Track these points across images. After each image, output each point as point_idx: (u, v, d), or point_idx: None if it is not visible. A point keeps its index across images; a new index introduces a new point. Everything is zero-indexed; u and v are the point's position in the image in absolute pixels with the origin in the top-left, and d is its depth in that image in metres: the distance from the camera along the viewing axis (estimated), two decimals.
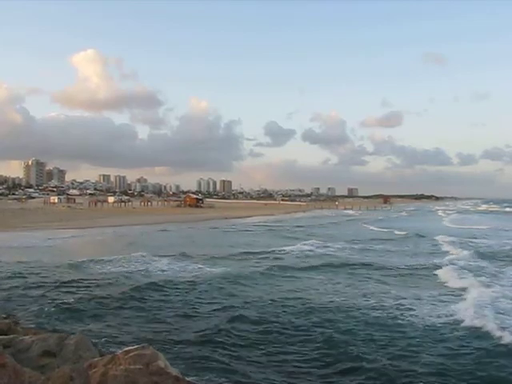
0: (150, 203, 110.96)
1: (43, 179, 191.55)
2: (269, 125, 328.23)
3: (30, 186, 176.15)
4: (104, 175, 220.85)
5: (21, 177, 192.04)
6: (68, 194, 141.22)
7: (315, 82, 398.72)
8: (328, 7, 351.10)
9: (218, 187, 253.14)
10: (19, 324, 8.05)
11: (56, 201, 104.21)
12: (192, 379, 6.63)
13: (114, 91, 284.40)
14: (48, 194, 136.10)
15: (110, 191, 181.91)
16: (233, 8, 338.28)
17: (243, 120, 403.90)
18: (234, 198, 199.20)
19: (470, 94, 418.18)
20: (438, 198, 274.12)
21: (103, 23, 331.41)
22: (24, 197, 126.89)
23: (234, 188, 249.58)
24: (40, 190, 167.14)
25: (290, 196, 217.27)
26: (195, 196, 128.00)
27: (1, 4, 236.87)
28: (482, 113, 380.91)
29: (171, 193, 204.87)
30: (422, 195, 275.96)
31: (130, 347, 4.92)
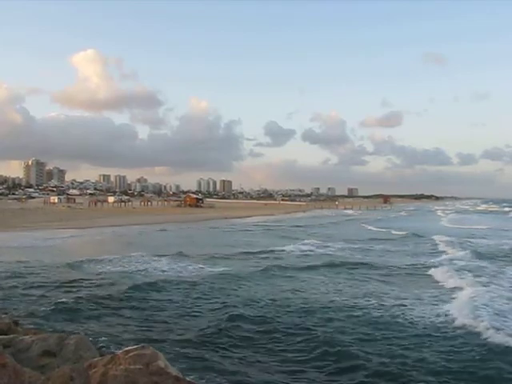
0: (150, 203, 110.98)
1: (43, 179, 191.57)
2: (269, 125, 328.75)
3: (30, 186, 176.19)
4: (104, 175, 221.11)
5: (21, 177, 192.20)
6: (68, 194, 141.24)
7: (315, 82, 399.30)
8: (328, 7, 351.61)
9: (218, 187, 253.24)
10: (19, 324, 8.06)
11: (56, 201, 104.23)
12: (192, 379, 6.62)
13: (113, 91, 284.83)
14: (48, 194, 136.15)
15: (110, 191, 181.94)
16: (233, 8, 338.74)
17: (243, 120, 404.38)
18: (234, 198, 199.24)
19: (470, 94, 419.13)
20: (438, 198, 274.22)
21: (103, 23, 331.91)
22: (24, 197, 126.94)
23: (234, 188, 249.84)
24: (40, 189, 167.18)
25: (290, 196, 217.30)
26: (195, 196, 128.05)
27: (1, 4, 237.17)
28: (482, 113, 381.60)
29: (171, 193, 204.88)
30: (422, 195, 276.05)
31: (129, 347, 4.92)
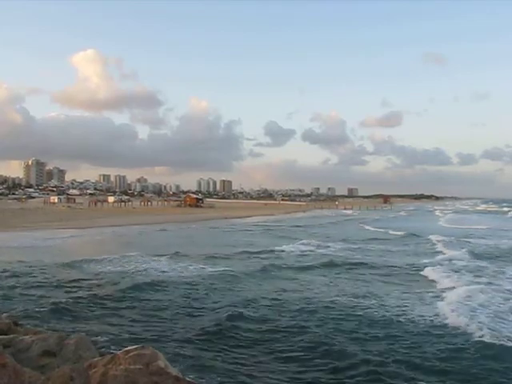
0: (150, 203, 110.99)
1: (43, 179, 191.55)
2: (269, 125, 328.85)
3: (30, 186, 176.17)
4: (104, 175, 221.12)
5: (21, 177, 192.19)
6: (68, 194, 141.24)
7: (315, 82, 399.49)
8: (328, 7, 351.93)
9: (218, 187, 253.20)
10: (19, 324, 8.05)
11: (56, 201, 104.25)
12: (192, 379, 6.62)
13: (114, 91, 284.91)
14: (48, 194, 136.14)
15: (109, 191, 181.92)
16: (233, 8, 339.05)
17: (243, 120, 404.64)
18: (234, 198, 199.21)
19: (470, 94, 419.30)
20: (437, 198, 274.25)
21: (103, 23, 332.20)
22: (24, 197, 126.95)
23: (234, 188, 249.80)
24: (40, 189, 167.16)
25: (290, 196, 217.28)
26: (195, 196, 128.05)
27: (1, 4, 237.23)
28: (482, 113, 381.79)
29: (171, 193, 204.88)
30: (422, 195, 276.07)
31: (129, 347, 4.92)
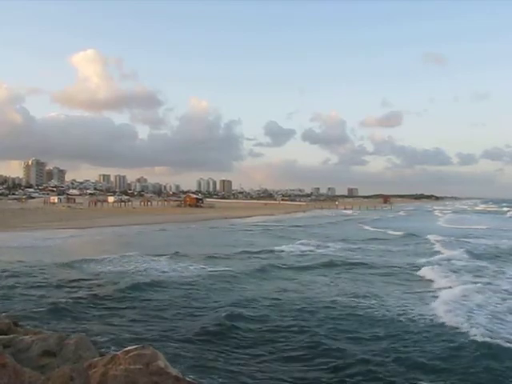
0: (149, 203, 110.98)
1: (43, 179, 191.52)
2: (269, 125, 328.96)
3: (30, 186, 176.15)
4: (104, 175, 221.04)
5: (21, 177, 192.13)
6: (68, 194, 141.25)
7: (315, 82, 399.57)
8: (328, 7, 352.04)
9: (218, 187, 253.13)
10: (19, 324, 8.05)
11: (56, 201, 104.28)
12: (192, 379, 6.62)
13: (114, 91, 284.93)
14: (48, 194, 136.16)
15: (109, 191, 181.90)
16: (233, 8, 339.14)
17: (243, 120, 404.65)
18: (234, 198, 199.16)
19: (470, 94, 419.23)
20: (437, 198, 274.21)
21: (103, 23, 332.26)
22: (24, 197, 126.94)
23: (234, 188, 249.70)
24: (40, 189, 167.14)
25: (290, 196, 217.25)
26: (195, 196, 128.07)
27: (1, 4, 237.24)
28: (482, 113, 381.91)
29: (171, 193, 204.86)
30: (422, 195, 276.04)
31: (129, 347, 4.93)
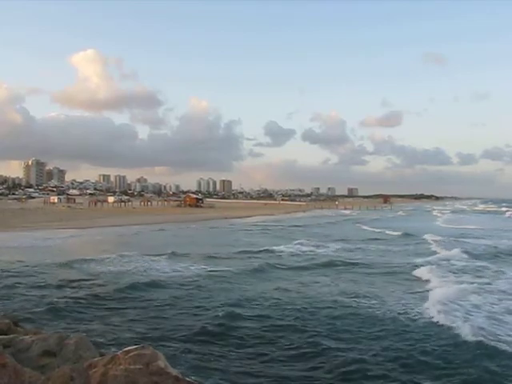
0: (149, 203, 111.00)
1: (43, 179, 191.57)
2: (269, 125, 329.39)
3: (30, 186, 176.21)
4: (104, 175, 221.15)
5: (21, 177, 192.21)
6: (68, 194, 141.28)
7: (315, 82, 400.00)
8: (328, 7, 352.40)
9: (218, 187, 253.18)
10: (19, 324, 8.05)
11: (56, 201, 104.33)
12: (192, 379, 6.62)
13: (114, 91, 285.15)
14: (48, 194, 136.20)
15: (109, 191, 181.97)
16: (233, 8, 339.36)
17: (243, 120, 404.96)
18: (234, 198, 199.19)
19: (470, 93, 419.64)
20: (437, 198, 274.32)
21: (103, 23, 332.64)
22: (24, 197, 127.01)
23: (234, 188, 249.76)
24: (40, 189, 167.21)
25: (290, 196, 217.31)
26: (195, 196, 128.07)
27: (1, 4, 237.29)
28: (482, 113, 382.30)
29: (171, 193, 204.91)
30: (422, 195, 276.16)
31: (129, 347, 4.92)
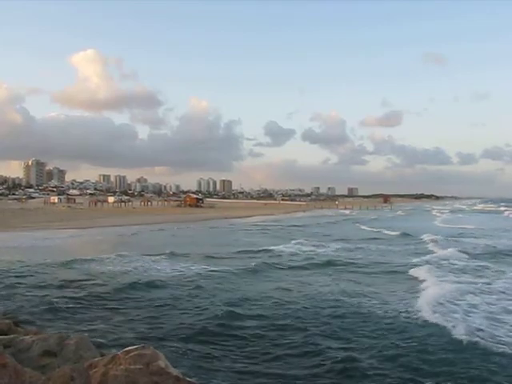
0: (150, 203, 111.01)
1: (43, 179, 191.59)
2: (269, 125, 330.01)
3: (30, 186, 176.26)
4: (104, 175, 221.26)
5: (21, 177, 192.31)
6: (68, 194, 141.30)
7: (315, 82, 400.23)
8: (328, 7, 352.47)
9: (218, 187, 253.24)
10: (19, 324, 8.06)
11: (56, 201, 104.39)
12: (192, 379, 6.63)
13: (114, 91, 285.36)
14: (48, 194, 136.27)
15: (110, 191, 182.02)
16: (233, 8, 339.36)
17: (243, 120, 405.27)
18: (235, 198, 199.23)
19: (470, 93, 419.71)
20: (438, 198, 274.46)
21: (103, 23, 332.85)
22: (24, 197, 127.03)
23: (234, 188, 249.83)
24: (40, 190, 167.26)
25: (290, 196, 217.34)
26: (195, 196, 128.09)
27: (1, 4, 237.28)
28: (482, 112, 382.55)
29: (171, 193, 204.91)
30: (422, 194, 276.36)
31: (130, 347, 4.92)
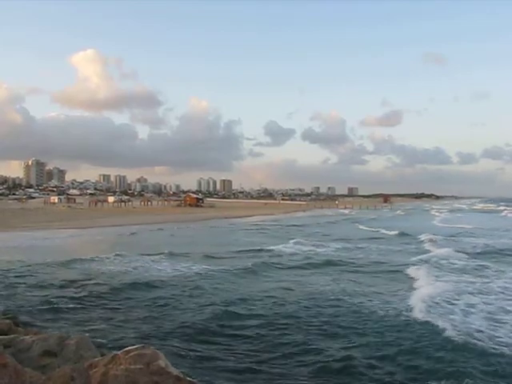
0: (150, 203, 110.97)
1: (43, 179, 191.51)
2: (269, 124, 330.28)
3: (30, 186, 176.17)
4: (104, 175, 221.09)
5: (21, 177, 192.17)
6: (68, 194, 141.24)
7: (315, 82, 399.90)
8: (328, 7, 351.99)
9: (219, 187, 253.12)
10: (19, 324, 8.06)
11: (56, 201, 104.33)
12: (193, 378, 6.62)
13: (113, 91, 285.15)
14: (48, 194, 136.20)
15: (110, 191, 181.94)
16: (233, 8, 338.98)
17: (243, 120, 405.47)
18: (235, 198, 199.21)
19: (470, 93, 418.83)
20: (438, 197, 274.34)
21: (103, 23, 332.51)
22: (24, 197, 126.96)
23: (234, 187, 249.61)
24: (40, 189, 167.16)
25: (290, 195, 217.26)
26: (195, 195, 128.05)
27: (1, 4, 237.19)
28: (482, 112, 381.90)
29: (171, 192, 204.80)
30: (423, 194, 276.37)
31: (130, 347, 4.93)
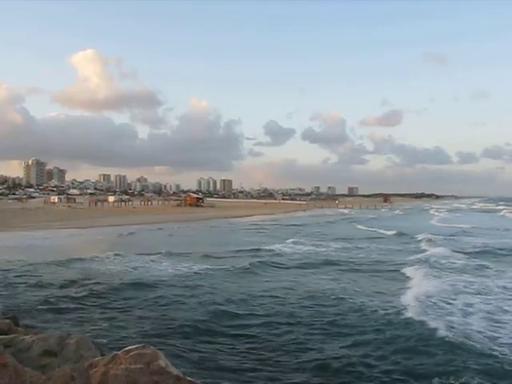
0: (150, 202, 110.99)
1: (43, 179, 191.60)
2: (269, 124, 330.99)
3: (30, 186, 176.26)
4: (104, 175, 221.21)
5: (21, 177, 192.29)
6: (68, 194, 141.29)
7: (315, 82, 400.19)
8: (328, 7, 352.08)
9: (219, 186, 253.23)
10: (19, 324, 8.05)
11: (56, 200, 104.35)
12: (193, 378, 6.62)
13: (113, 91, 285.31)
14: (48, 194, 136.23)
15: (110, 191, 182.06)
16: (233, 8, 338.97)
17: (243, 120, 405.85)
18: (235, 197, 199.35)
19: (470, 93, 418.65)
20: (438, 197, 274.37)
21: (103, 23, 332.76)
22: (24, 197, 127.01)
23: (234, 187, 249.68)
24: (40, 189, 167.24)
25: (290, 195, 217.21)
26: (195, 195, 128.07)
27: (1, 4, 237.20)
28: (482, 112, 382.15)
29: (171, 192, 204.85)
30: (423, 194, 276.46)
31: (130, 346, 4.91)
